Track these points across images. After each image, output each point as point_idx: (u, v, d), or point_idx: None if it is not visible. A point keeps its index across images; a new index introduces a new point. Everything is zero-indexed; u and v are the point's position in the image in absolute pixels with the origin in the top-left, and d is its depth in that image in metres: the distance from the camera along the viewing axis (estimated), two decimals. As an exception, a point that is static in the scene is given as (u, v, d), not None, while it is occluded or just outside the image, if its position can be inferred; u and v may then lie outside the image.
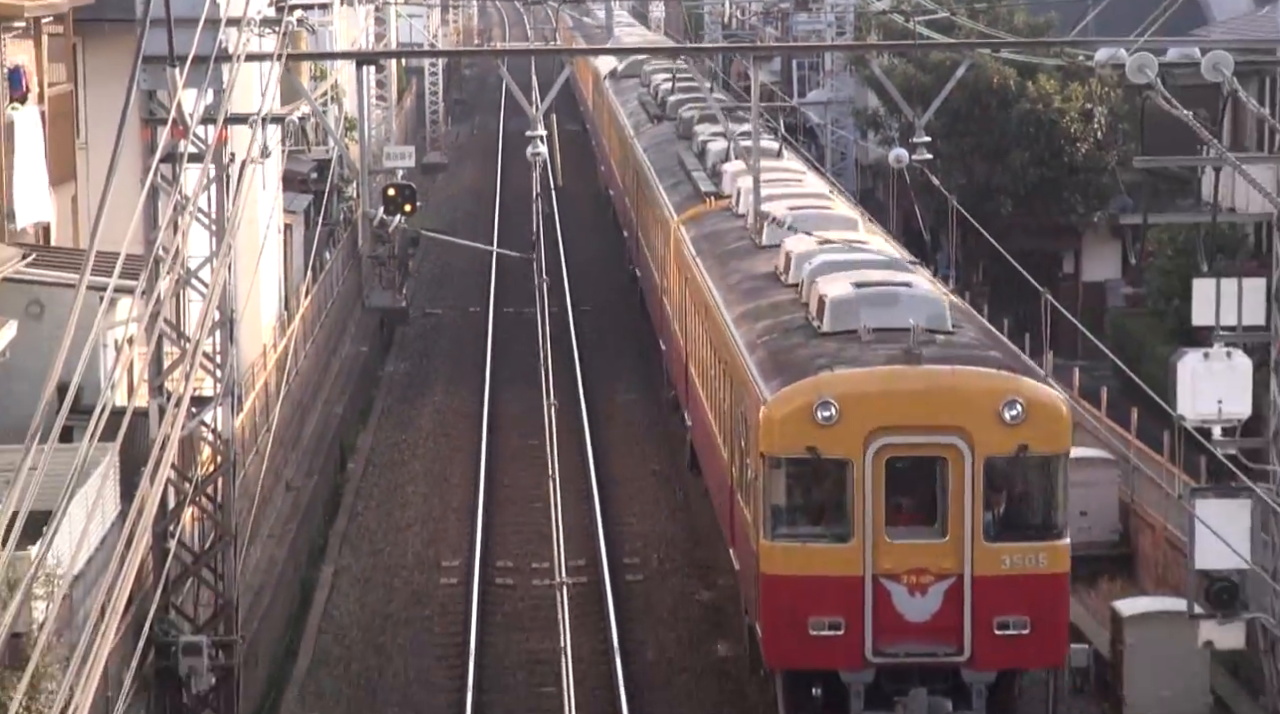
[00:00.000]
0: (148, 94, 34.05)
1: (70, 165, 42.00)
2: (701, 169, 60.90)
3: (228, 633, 35.76)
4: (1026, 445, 34.61)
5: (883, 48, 62.29)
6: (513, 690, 40.22)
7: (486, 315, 73.92)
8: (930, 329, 36.22)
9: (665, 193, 62.79)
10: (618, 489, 53.67)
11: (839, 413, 33.66)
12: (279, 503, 45.13)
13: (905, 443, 35.04)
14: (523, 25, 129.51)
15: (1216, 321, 37.48)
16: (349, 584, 47.66)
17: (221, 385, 36.15)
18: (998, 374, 35.73)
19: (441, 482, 55.59)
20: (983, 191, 53.84)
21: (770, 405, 34.85)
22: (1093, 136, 59.40)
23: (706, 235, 52.89)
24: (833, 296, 37.15)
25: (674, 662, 41.95)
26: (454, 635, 43.60)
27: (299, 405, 51.23)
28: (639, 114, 78.80)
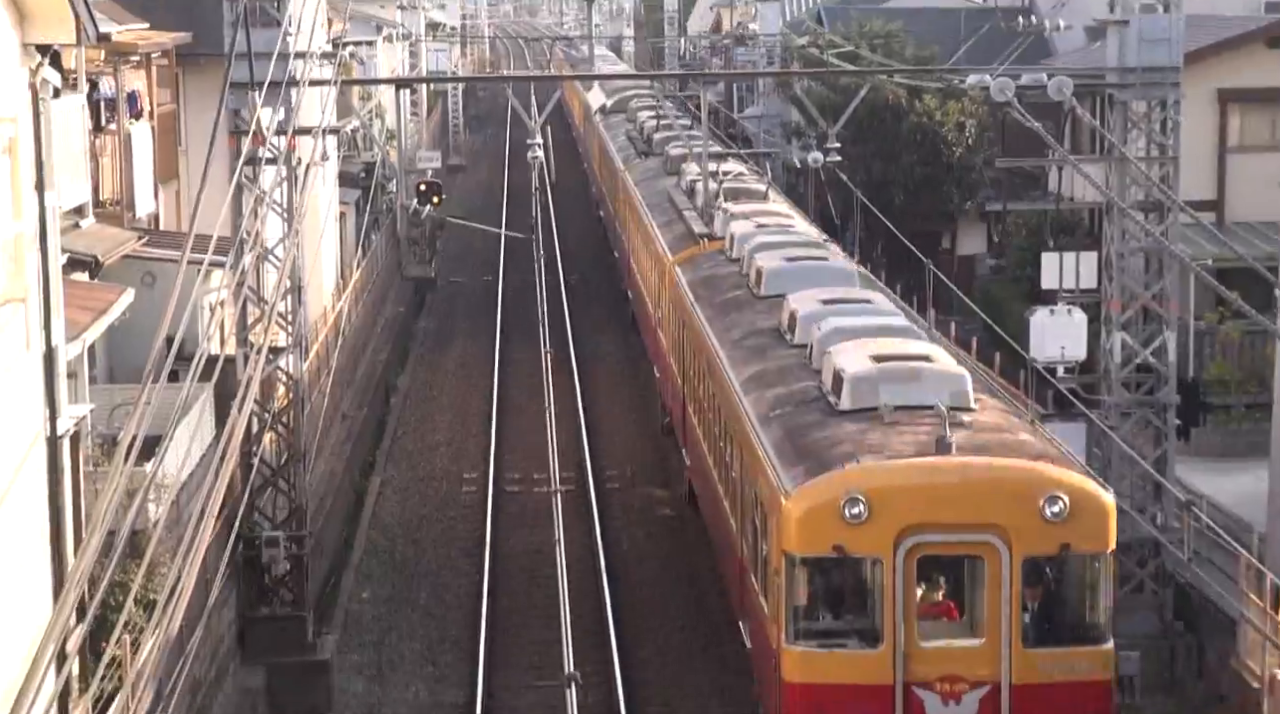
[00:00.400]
0: (233, 112, 34.32)
1: (174, 168, 42.26)
2: (693, 208, 51.18)
3: (298, 529, 36.04)
4: (1069, 544, 26.61)
5: (802, 74, 62.52)
6: (519, 573, 40.73)
7: (497, 283, 73.87)
8: (954, 407, 28.23)
9: (659, 230, 52.83)
10: (600, 418, 53.86)
11: (868, 509, 26.01)
12: (337, 429, 45.35)
13: (939, 541, 27.21)
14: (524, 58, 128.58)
15: (1060, 286, 38.03)
16: (392, 491, 47.99)
17: (292, 338, 36.45)
18: (1037, 467, 27.41)
19: (463, 412, 55.83)
20: (879, 185, 53.92)
21: (793, 500, 26.91)
22: (965, 143, 59.50)
23: (703, 280, 43.68)
24: (851, 373, 29.30)
25: (643, 550, 42.49)
26: (473, 531, 44.01)
27: (352, 353, 51.41)
28: (627, 148, 71.51)
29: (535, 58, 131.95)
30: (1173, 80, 35.05)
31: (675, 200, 53.76)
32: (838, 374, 29.67)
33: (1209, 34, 51.05)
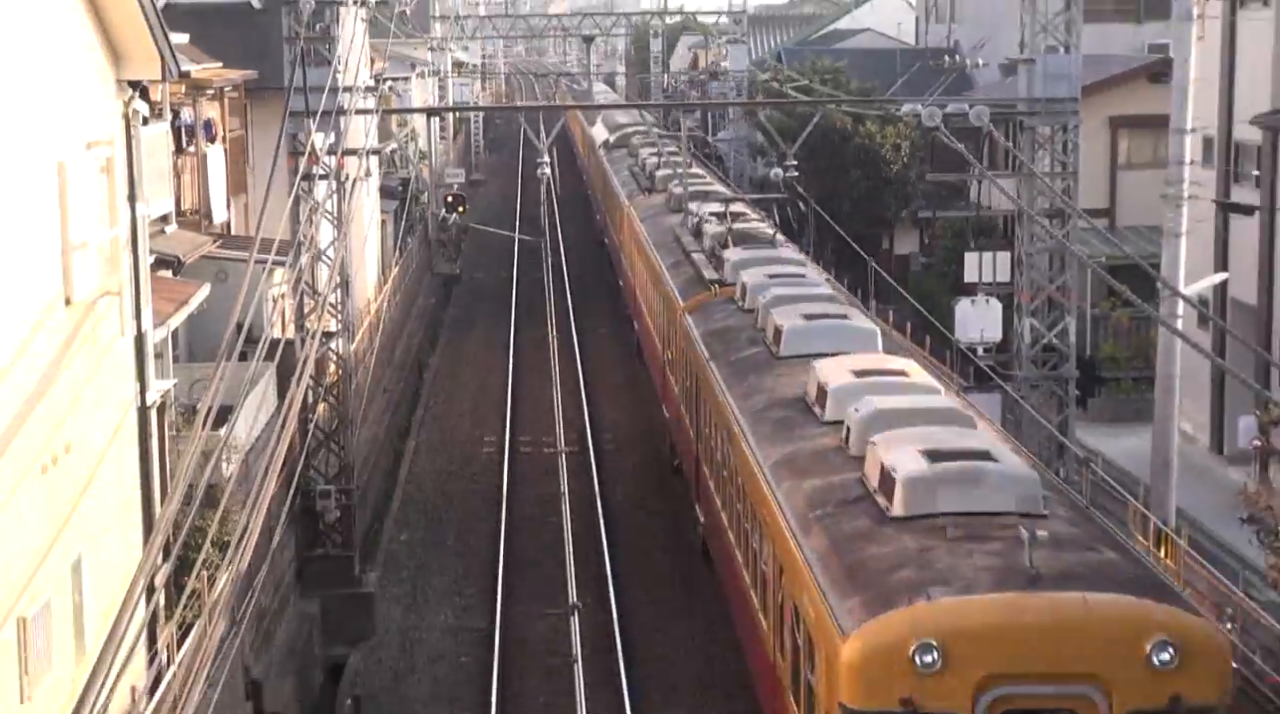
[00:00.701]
0: (292, 136, 34.30)
1: (243, 183, 42.26)
2: (701, 250, 44.19)
3: (347, 484, 36.06)
4: (1180, 696, 18.79)
5: (765, 104, 62.36)
6: (531, 519, 40.84)
7: (512, 278, 73.78)
8: (1025, 515, 21.07)
9: (668, 272, 44.76)
10: (598, 391, 53.83)
11: (943, 657, 18.73)
12: (379, 400, 45.36)
13: (1026, 694, 19.29)
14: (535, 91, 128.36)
15: (979, 279, 38.03)
16: (425, 451, 48.08)
17: (341, 324, 36.46)
18: (1142, 605, 19.55)
19: (483, 386, 55.86)
20: (829, 196, 53.80)
21: (852, 643, 19.28)
22: (900, 161, 59.44)
23: (716, 332, 35.58)
24: (905, 474, 21.77)
25: (633, 500, 42.57)
26: (492, 484, 44.07)
27: (391, 337, 51.41)
28: (630, 184, 64.70)
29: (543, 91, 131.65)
30: (1072, 109, 35.15)
31: (682, 240, 47.00)
32: (888, 473, 22.31)
33: (1102, 70, 51.21)
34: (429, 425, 51.23)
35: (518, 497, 42.73)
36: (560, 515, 24.84)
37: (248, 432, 29.15)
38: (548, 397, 37.92)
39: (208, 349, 29.80)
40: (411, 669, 32.62)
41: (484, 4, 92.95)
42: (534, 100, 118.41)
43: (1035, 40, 34.99)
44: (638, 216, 55.74)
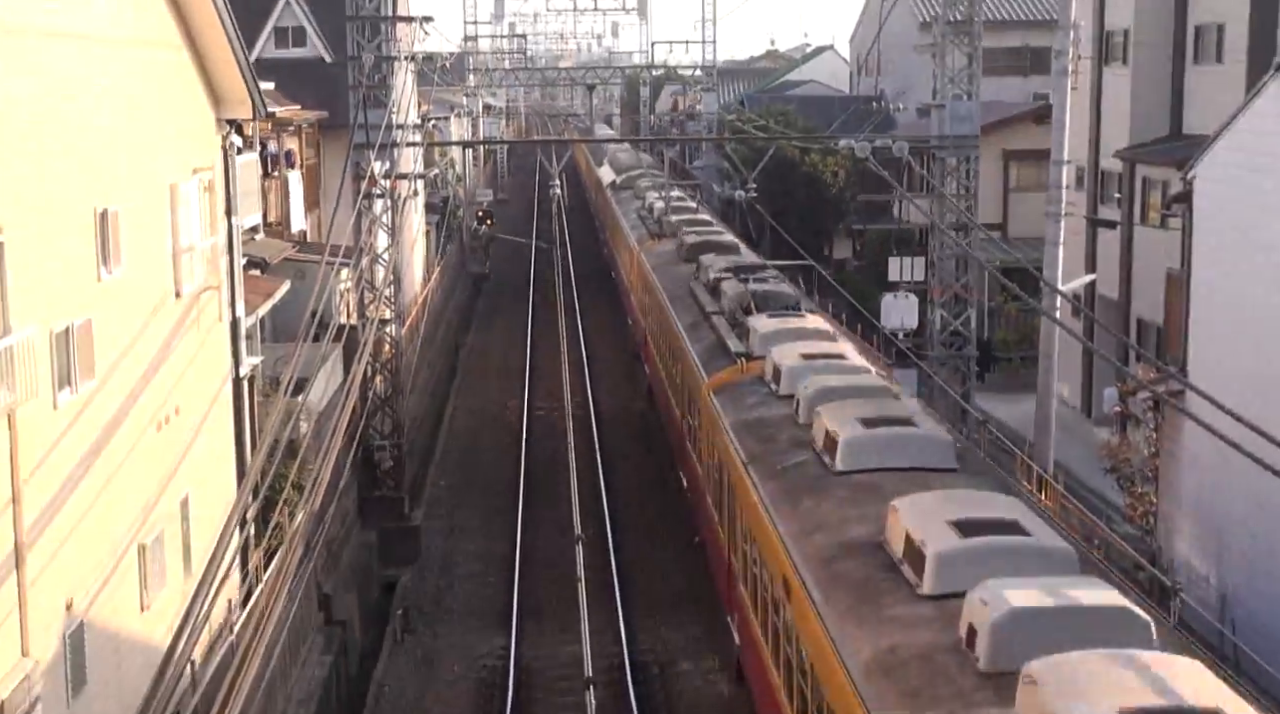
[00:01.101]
0: (355, 163, 34.33)
1: (316, 200, 42.26)
2: (720, 312, 33.86)
3: (398, 440, 36.17)
4: None
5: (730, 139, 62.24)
6: (543, 464, 40.89)
7: (529, 276, 73.76)
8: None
9: (686, 334, 34.09)
10: (598, 367, 53.80)
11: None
12: (425, 372, 45.38)
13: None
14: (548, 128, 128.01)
15: (900, 279, 37.91)
16: (461, 413, 48.12)
17: (394, 313, 36.46)
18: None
19: (507, 361, 55.87)
20: (781, 212, 53.52)
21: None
22: (838, 184, 59.43)
23: (750, 425, 24.50)
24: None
25: (625, 453, 42.48)
26: (514, 439, 44.13)
27: (434, 323, 51.43)
28: (640, 228, 54.68)
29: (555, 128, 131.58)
30: (973, 144, 35.16)
31: (699, 298, 36.74)
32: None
33: (997, 113, 51.23)
34: (463, 393, 51.18)
35: (533, 450, 42.63)
36: (568, 465, 24.80)
37: (320, 398, 29.17)
38: (558, 371, 37.92)
39: (288, 332, 29.75)
40: (449, 586, 32.66)
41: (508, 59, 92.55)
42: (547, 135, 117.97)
43: (945, 90, 35.01)
44: (648, 263, 46.13)
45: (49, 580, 15.54)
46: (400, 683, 27.41)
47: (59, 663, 15.92)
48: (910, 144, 35.37)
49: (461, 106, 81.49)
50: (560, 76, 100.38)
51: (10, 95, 15.08)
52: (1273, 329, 23.18)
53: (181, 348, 20.92)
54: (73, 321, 16.48)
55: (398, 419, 36.31)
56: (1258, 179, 23.76)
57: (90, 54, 17.61)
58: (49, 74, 16.27)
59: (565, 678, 26.90)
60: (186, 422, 21.10)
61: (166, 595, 19.78)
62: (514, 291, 71.28)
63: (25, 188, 15.27)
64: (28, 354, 14.56)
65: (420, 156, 43.74)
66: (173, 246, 20.71)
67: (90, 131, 17.50)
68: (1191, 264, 26.52)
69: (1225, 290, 25.01)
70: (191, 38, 21.81)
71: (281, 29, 46.39)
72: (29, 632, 14.93)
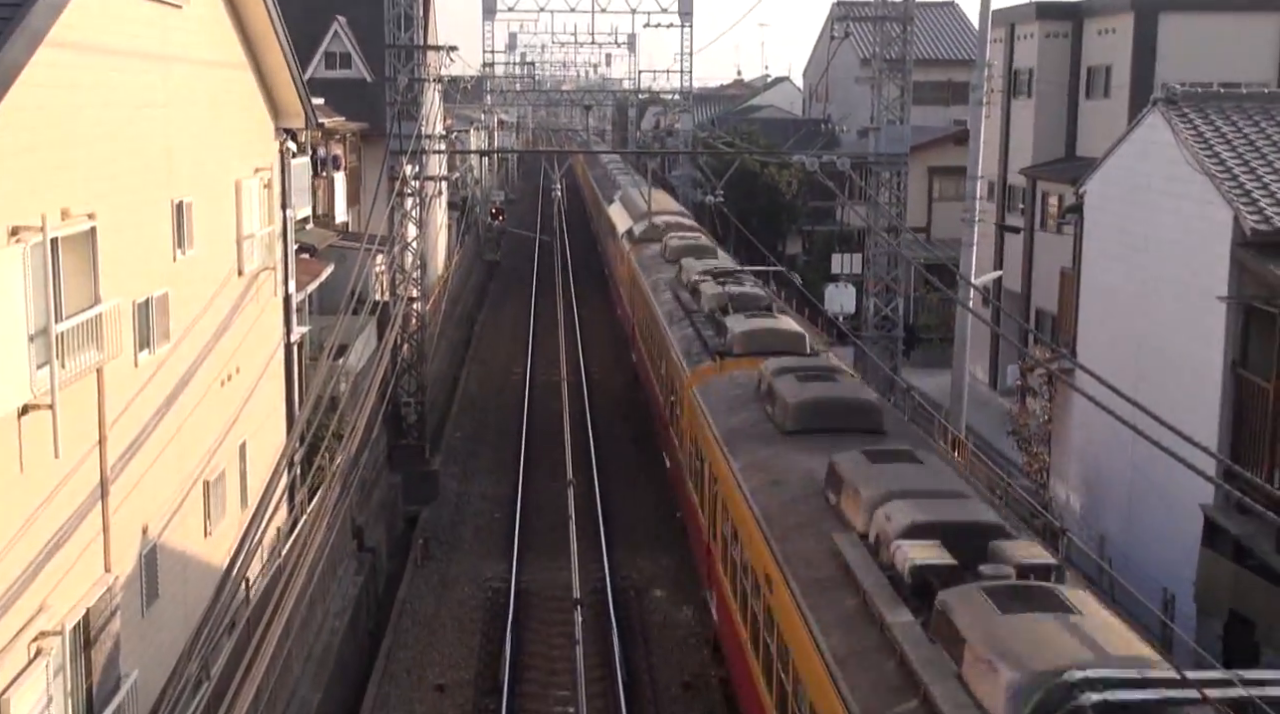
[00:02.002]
0: (390, 167, 34.15)
1: (357, 197, 42.05)
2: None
3: (422, 398, 36.08)
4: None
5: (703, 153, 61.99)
6: (543, 424, 40.67)
7: (534, 263, 73.63)
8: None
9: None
10: (590, 338, 53.71)
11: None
12: (445, 342, 45.30)
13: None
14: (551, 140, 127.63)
15: (842, 272, 37.99)
16: (475, 377, 48.01)
17: (420, 292, 36.34)
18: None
19: (514, 334, 55.73)
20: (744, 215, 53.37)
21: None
22: (791, 193, 59.33)
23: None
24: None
25: (611, 410, 42.39)
26: (518, 400, 44.08)
27: (453, 301, 51.33)
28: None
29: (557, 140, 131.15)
30: (904, 161, 35.15)
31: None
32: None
33: (924, 136, 51.19)
34: (477, 361, 51.06)
35: (535, 409, 42.53)
36: (562, 421, 24.82)
37: (357, 361, 29.11)
38: (556, 344, 37.89)
39: (332, 307, 29.75)
40: (462, 520, 32.68)
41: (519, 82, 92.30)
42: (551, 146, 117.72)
43: (880, 115, 34.98)
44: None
45: (128, 509, 15.55)
46: (419, 601, 27.45)
47: (135, 578, 15.94)
48: (852, 160, 35.40)
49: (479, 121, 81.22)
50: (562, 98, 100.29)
51: (105, 106, 15.05)
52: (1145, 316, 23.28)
53: (242, 318, 20.88)
54: (152, 294, 16.48)
55: (421, 380, 36.26)
56: (1136, 194, 23.83)
57: (171, 72, 17.56)
58: (136, 89, 16.23)
59: (557, 599, 26.95)
60: (245, 379, 21.08)
61: (226, 524, 19.78)
62: (521, 277, 71.20)
63: (115, 183, 15.27)
64: (114, 320, 14.56)
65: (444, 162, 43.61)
66: (237, 233, 20.67)
67: (169, 137, 17.46)
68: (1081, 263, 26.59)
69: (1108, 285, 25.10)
70: (256, 60, 21.75)
71: (331, 54, 46.30)
72: (111, 551, 14.95)
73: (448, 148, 44.23)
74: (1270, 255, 18.88)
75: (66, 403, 13.30)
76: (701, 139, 68.10)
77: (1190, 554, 20.30)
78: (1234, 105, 23.00)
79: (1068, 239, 29.70)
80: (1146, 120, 23.75)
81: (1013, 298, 41.43)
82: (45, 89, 13.26)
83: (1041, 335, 36.61)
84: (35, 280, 12.65)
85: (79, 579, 14.07)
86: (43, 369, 12.81)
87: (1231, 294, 19.76)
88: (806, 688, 13.53)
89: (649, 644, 25.04)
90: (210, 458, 19.04)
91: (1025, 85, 41.84)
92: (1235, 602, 19.02)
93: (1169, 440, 10.60)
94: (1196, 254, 20.96)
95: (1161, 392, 21.01)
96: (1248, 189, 20.09)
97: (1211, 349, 20.27)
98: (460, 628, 26.02)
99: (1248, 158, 21.15)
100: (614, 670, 23.32)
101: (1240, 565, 19.12)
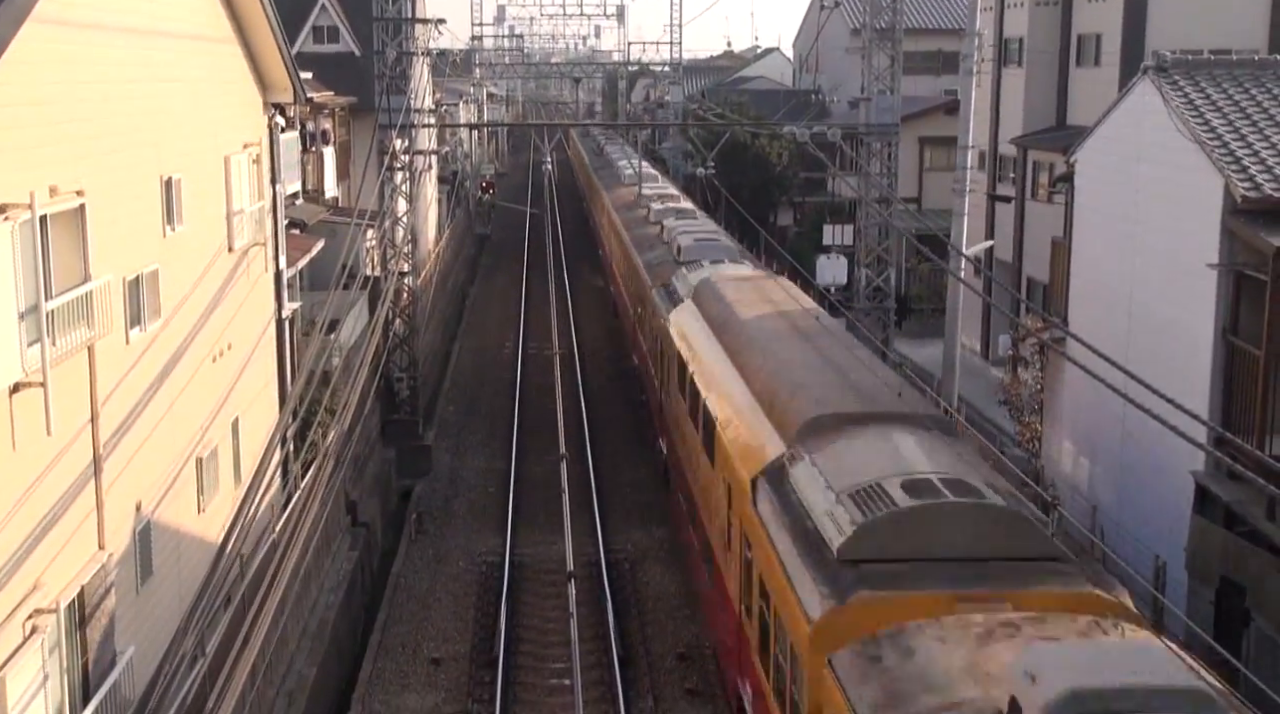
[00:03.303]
0: (380, 141, 34.04)
1: (346, 172, 42.02)
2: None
3: (414, 372, 36.06)
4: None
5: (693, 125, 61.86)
6: (535, 392, 40.80)
7: (524, 235, 73.39)
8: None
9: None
10: (581, 312, 53.71)
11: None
12: (437, 316, 45.28)
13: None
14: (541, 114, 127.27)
15: (833, 242, 37.92)
16: (467, 351, 48.00)
17: (411, 266, 36.29)
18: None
19: (505, 308, 55.69)
20: (735, 187, 53.26)
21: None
22: (782, 164, 59.16)
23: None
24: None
25: (604, 385, 42.43)
26: (510, 374, 44.08)
27: (445, 275, 51.29)
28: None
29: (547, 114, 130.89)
30: (894, 131, 35.08)
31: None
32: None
33: (914, 106, 51.06)
34: (469, 334, 51.06)
35: (527, 383, 42.52)
36: (554, 395, 24.86)
37: (349, 336, 29.11)
38: (547, 317, 37.87)
39: (323, 282, 29.75)
40: (456, 494, 32.72)
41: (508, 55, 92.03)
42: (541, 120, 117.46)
43: (871, 86, 34.90)
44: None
45: (121, 486, 15.56)
46: (414, 575, 27.50)
47: (130, 555, 15.95)
48: (842, 131, 35.32)
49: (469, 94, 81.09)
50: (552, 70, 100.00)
51: (93, 82, 15.00)
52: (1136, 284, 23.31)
53: (233, 294, 20.86)
54: (142, 270, 16.46)
55: (413, 355, 36.25)
56: (1128, 163, 23.83)
57: (158, 47, 17.49)
58: (123, 64, 16.17)
59: (551, 572, 27.02)
60: (237, 355, 21.07)
61: (219, 500, 19.80)
62: (511, 250, 71.12)
63: (104, 159, 15.23)
64: (105, 297, 14.54)
65: (434, 136, 43.53)
66: (226, 209, 20.63)
67: (158, 112, 17.41)
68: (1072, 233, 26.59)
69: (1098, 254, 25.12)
70: (243, 34, 21.67)
71: (319, 27, 46.13)
72: (105, 529, 14.97)
73: (437, 121, 44.08)
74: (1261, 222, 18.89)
75: (58, 380, 13.30)
76: (691, 111, 68.01)
77: (1181, 521, 20.37)
78: (1225, 72, 22.98)
79: (1059, 208, 29.70)
80: (1137, 88, 23.72)
81: (1004, 267, 41.44)
82: (32, 65, 13.22)
83: (1033, 305, 36.62)
84: (25, 258, 12.64)
85: (73, 556, 14.08)
86: (34, 347, 12.80)
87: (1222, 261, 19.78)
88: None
89: (643, 616, 25.11)
90: (203, 434, 19.04)
91: (1016, 54, 41.76)
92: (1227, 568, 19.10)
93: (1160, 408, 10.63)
94: (1187, 222, 20.97)
95: (1153, 359, 21.06)
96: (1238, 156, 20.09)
97: (1202, 316, 20.30)
98: (455, 602, 26.08)
99: (1239, 125, 21.14)
100: (609, 643, 23.39)
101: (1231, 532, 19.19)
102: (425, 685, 22.55)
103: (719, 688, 20.98)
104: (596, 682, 22.23)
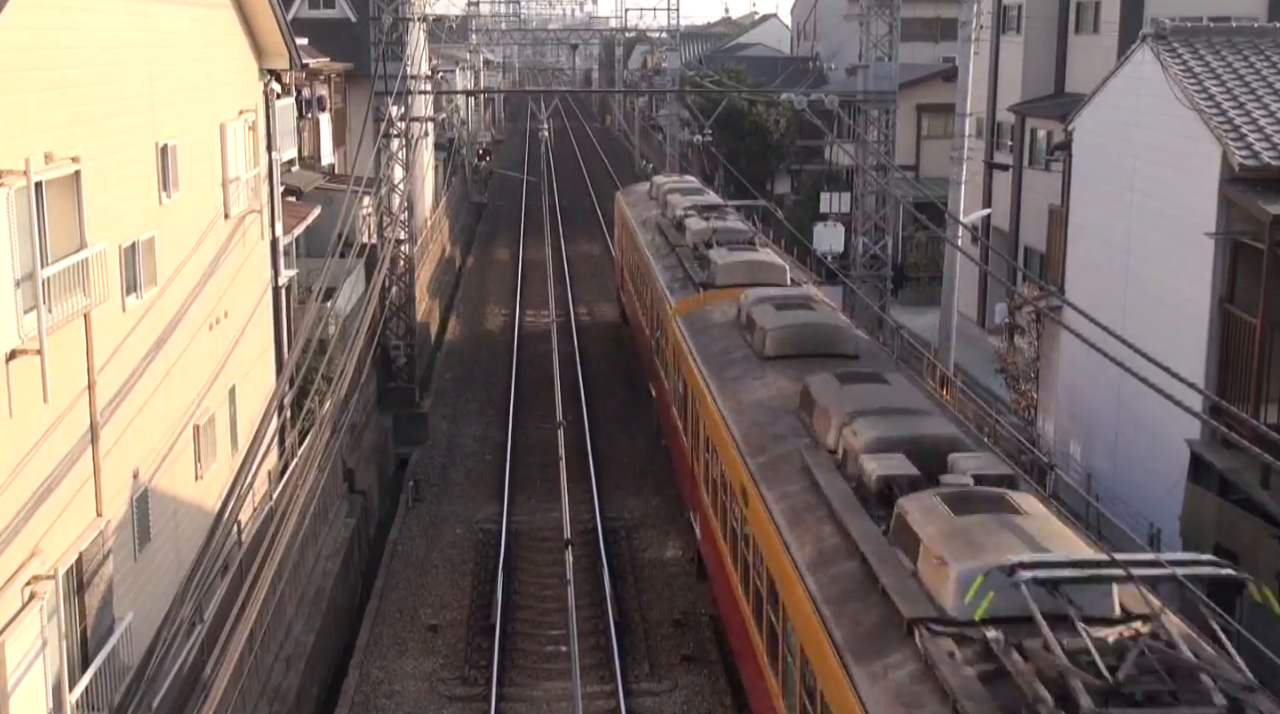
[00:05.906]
0: (376, 108, 33.95)
1: (343, 138, 41.86)
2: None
3: (410, 340, 36.06)
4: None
5: (691, 91, 61.64)
6: (532, 366, 40.72)
7: (522, 204, 73.28)
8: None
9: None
10: (579, 281, 53.61)
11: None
12: (433, 285, 45.21)
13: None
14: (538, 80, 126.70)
15: (830, 211, 37.89)
16: (463, 320, 47.94)
17: (408, 234, 36.24)
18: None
19: (501, 277, 55.58)
20: (732, 154, 53.26)
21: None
22: (779, 131, 59.05)
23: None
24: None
25: (601, 351, 42.40)
26: (507, 342, 43.99)
27: (440, 244, 51.16)
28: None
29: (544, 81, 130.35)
30: (892, 99, 35.03)
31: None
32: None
33: (912, 74, 50.89)
34: (465, 302, 51.00)
35: (524, 351, 42.47)
36: (551, 363, 24.86)
37: (345, 304, 29.09)
38: (545, 286, 37.84)
39: (319, 249, 29.70)
40: (453, 462, 32.77)
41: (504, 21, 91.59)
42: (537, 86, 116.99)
43: (869, 53, 34.83)
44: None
45: (118, 453, 15.58)
46: (411, 542, 27.57)
47: (127, 522, 15.98)
48: (840, 98, 35.23)
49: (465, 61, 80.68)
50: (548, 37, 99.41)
51: (87, 48, 14.94)
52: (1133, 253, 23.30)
53: (230, 261, 20.83)
54: (138, 238, 16.43)
55: (410, 323, 36.24)
56: (1126, 131, 23.78)
57: (151, 11, 17.42)
58: (117, 29, 16.10)
59: (548, 539, 27.10)
60: (234, 323, 21.06)
61: (216, 467, 19.82)
62: (509, 218, 70.98)
63: (99, 126, 15.18)
64: (100, 265, 14.52)
65: (430, 103, 43.39)
66: (222, 176, 20.58)
67: (152, 79, 17.35)
68: (1070, 201, 26.57)
69: (1096, 222, 25.10)
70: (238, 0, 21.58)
71: (314, -7, 45.97)
72: (102, 496, 14.99)
73: (433, 88, 43.96)
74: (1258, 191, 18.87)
75: (54, 348, 13.29)
76: (689, 78, 67.85)
77: (1176, 489, 20.43)
78: (1224, 40, 22.92)
79: (1056, 176, 29.66)
80: (1135, 56, 23.66)
81: (1001, 236, 41.42)
82: (25, 30, 13.17)
83: (1030, 273, 36.63)
84: (20, 225, 12.61)
85: (71, 523, 14.11)
86: (30, 314, 12.79)
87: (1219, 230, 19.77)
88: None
89: (640, 583, 25.20)
90: (200, 402, 19.05)
91: (1014, 21, 41.62)
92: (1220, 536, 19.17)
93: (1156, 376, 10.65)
94: (1185, 190, 20.95)
95: (1149, 328, 21.08)
96: (1236, 124, 20.06)
97: (1199, 285, 20.31)
98: (452, 569, 26.16)
99: (1237, 93, 21.10)
100: (605, 609, 23.48)
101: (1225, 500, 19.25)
102: (423, 651, 22.64)
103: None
104: (593, 648, 22.33)
